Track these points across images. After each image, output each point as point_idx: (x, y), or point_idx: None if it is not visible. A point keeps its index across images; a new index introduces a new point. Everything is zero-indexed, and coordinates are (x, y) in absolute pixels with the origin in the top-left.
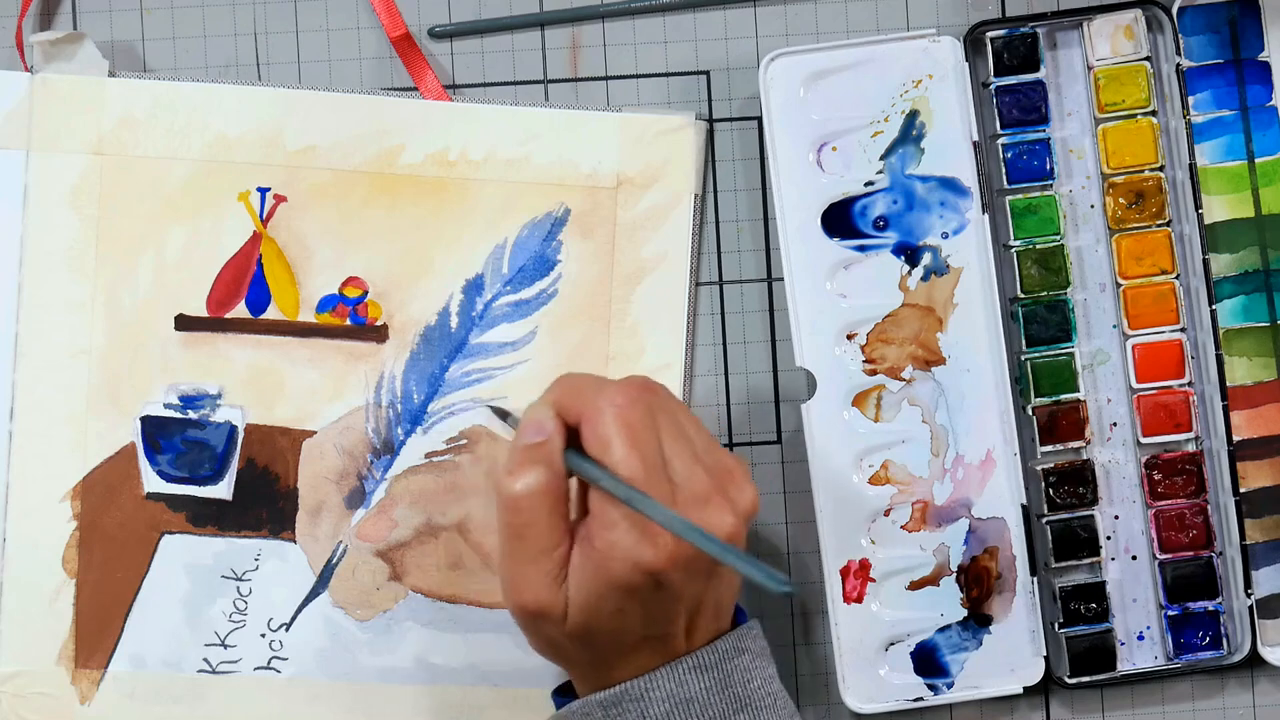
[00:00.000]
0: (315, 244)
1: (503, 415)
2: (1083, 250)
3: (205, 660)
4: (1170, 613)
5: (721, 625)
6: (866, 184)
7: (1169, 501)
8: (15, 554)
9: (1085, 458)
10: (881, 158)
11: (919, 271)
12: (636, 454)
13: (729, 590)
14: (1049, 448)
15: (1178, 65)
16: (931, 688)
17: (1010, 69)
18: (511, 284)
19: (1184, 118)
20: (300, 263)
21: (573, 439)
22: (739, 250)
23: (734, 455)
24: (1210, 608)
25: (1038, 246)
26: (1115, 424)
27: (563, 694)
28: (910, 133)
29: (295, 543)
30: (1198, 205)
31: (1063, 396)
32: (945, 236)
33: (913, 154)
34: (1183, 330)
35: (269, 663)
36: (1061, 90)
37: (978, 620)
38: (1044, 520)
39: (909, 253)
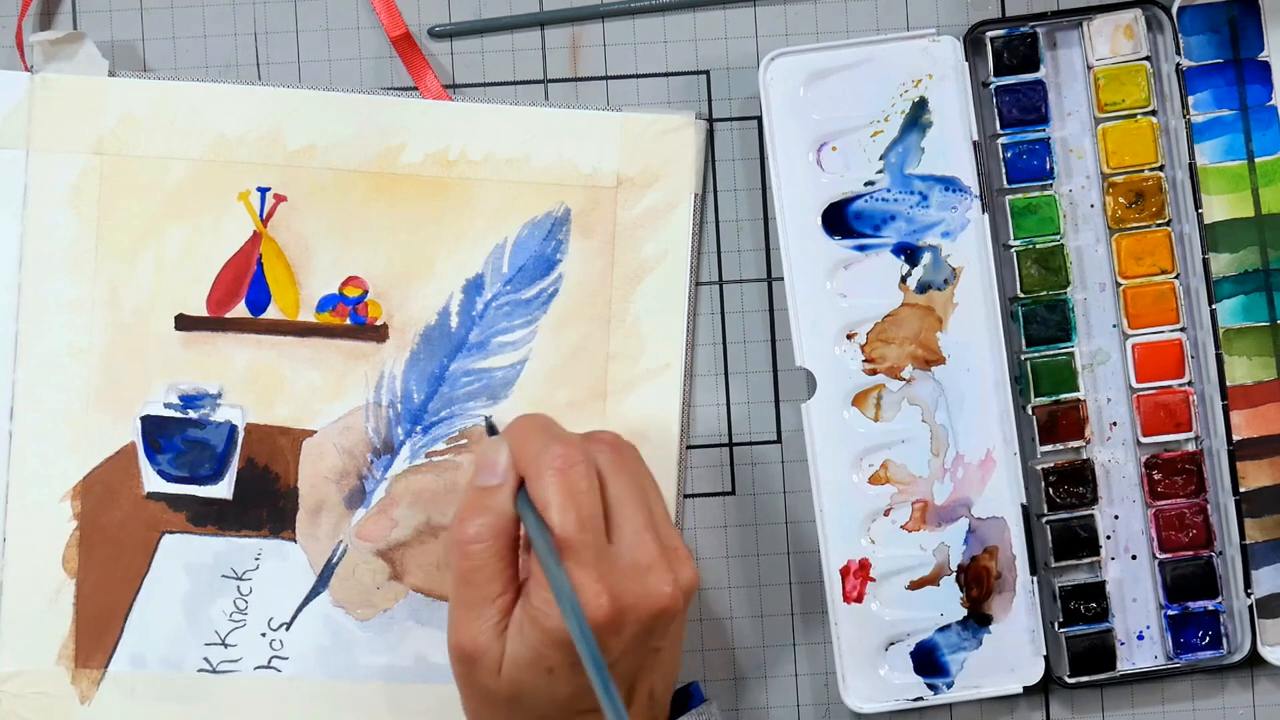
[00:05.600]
0: (315, 244)
1: (492, 430)
2: (1083, 250)
3: (205, 660)
4: (1170, 612)
5: (657, 715)
6: (866, 184)
7: (1169, 501)
8: (15, 554)
9: (1085, 457)
10: (881, 157)
11: (918, 272)
12: (572, 517)
13: (664, 679)
14: (1049, 447)
15: (1178, 65)
16: (931, 687)
17: (1010, 69)
18: (511, 284)
19: (1184, 117)
20: (300, 262)
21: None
22: (739, 250)
23: (681, 539)
24: (1210, 607)
25: (1038, 246)
26: (1115, 423)
27: None
28: (910, 132)
29: (295, 542)
30: (1198, 205)
31: (1063, 396)
32: (945, 236)
33: (913, 154)
34: (1183, 330)
35: (269, 662)
36: (1061, 90)
37: (978, 620)
38: (1044, 520)
39: (909, 253)
